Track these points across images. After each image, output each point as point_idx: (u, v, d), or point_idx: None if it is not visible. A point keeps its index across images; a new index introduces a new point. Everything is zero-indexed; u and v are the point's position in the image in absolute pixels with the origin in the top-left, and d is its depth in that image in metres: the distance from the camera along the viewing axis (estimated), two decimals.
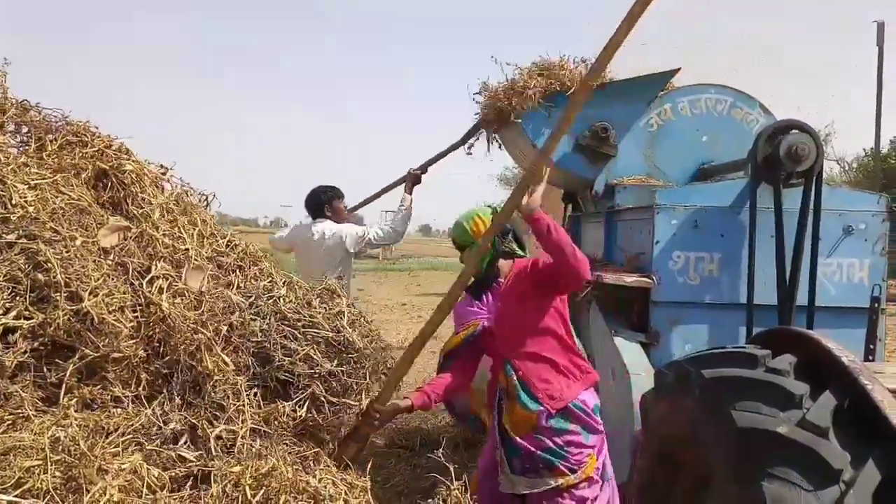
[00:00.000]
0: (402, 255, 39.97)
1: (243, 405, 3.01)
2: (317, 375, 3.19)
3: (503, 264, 3.47)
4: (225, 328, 3.18)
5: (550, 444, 3.18)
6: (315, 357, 3.21)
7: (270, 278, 3.55)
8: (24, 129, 3.51)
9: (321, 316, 3.36)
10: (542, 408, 3.21)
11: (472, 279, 3.38)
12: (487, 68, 6.15)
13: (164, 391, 3.05)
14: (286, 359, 3.17)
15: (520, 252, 3.50)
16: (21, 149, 3.42)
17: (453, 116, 6.85)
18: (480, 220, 3.47)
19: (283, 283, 3.51)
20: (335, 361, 3.24)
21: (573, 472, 3.15)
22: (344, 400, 3.23)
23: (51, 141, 3.42)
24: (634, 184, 4.90)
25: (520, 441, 3.22)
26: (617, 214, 4.99)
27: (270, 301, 3.35)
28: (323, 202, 5.92)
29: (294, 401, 3.15)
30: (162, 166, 3.70)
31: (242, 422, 2.96)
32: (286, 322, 3.29)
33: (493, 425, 3.38)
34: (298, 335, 3.26)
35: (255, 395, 3.11)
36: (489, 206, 3.60)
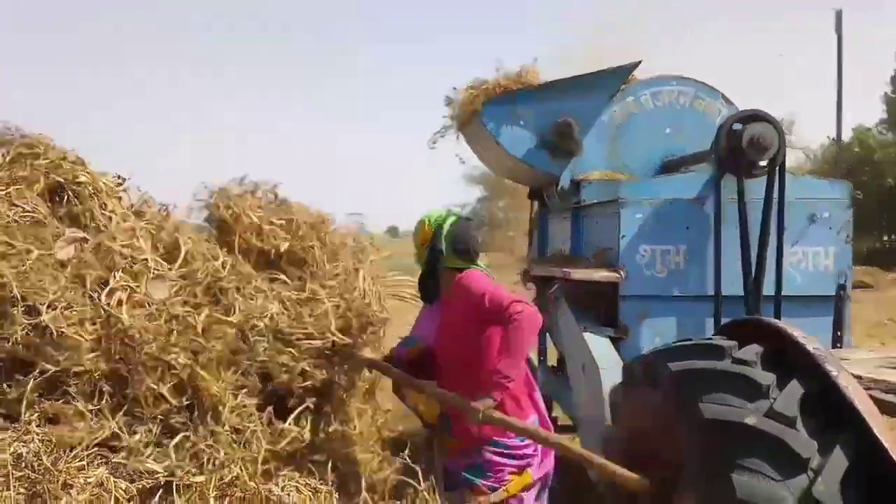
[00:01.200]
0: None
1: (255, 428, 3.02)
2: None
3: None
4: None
5: (471, 463, 3.24)
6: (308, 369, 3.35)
7: (264, 294, 3.50)
8: None
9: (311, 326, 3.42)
10: (456, 439, 3.29)
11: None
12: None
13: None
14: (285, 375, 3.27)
15: (456, 264, 3.42)
16: None
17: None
18: (424, 225, 3.50)
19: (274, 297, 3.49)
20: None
21: (493, 490, 3.18)
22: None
23: (2, 154, 3.35)
24: (599, 179, 4.90)
25: (447, 461, 3.32)
26: (583, 210, 4.98)
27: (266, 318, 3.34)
28: None
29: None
30: (119, 177, 3.64)
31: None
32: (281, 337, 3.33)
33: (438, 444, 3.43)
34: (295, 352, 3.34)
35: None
36: (448, 211, 3.61)
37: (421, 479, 3.12)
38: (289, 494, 2.71)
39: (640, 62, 5.00)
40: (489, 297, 3.16)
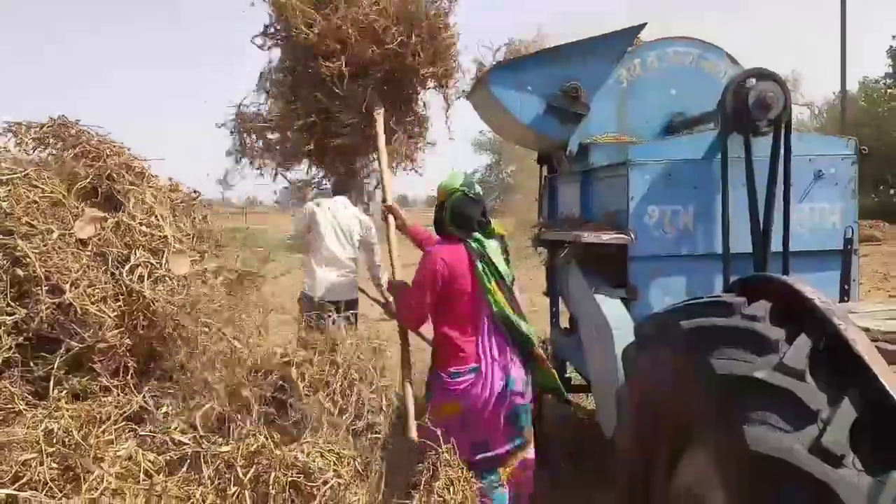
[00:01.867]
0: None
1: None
2: None
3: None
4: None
5: (429, 384, 4.07)
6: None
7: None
8: (57, 143, 3.52)
9: None
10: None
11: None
12: None
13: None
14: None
15: (451, 231, 4.06)
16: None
17: None
18: (439, 188, 4.17)
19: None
20: None
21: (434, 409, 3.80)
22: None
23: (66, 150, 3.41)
24: (607, 142, 4.93)
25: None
26: (592, 173, 5.02)
27: None
28: None
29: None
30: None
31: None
32: None
33: None
34: None
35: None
36: (461, 172, 4.18)
37: (441, 442, 3.20)
38: (314, 460, 2.78)
39: (645, 24, 4.99)
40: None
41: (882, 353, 2.31)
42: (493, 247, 4.02)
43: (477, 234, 3.99)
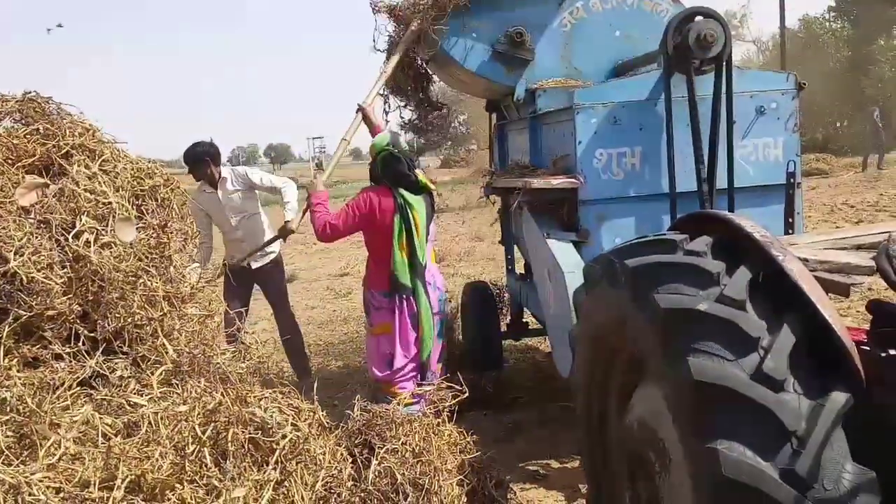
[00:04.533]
0: (336, 182, 38.84)
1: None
2: None
3: None
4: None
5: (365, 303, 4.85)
6: None
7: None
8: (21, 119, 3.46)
9: None
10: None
11: None
12: None
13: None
14: None
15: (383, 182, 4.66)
16: None
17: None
18: (371, 148, 4.79)
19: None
20: None
21: (369, 327, 4.81)
22: None
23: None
24: (554, 87, 4.94)
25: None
26: (539, 119, 5.03)
27: None
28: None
29: None
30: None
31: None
32: None
33: None
34: None
35: None
36: (387, 133, 4.86)
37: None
38: (272, 415, 2.80)
39: None
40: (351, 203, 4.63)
41: (819, 282, 2.38)
42: (416, 201, 4.59)
43: (402, 190, 4.55)
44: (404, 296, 4.55)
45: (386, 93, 5.70)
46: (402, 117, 6.04)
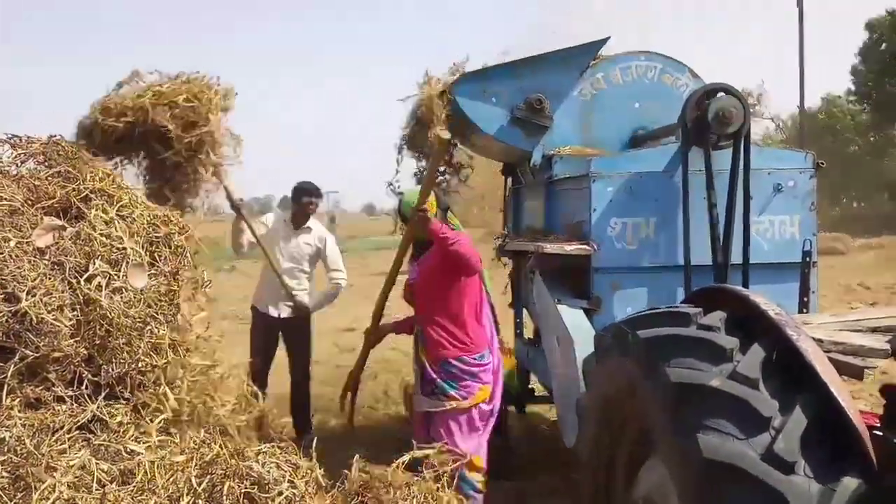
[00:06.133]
0: (349, 236, 39.03)
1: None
2: None
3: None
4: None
5: (447, 375, 4.20)
6: None
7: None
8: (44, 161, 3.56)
9: None
10: (425, 359, 4.27)
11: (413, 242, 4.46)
12: None
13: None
14: None
15: (452, 224, 4.38)
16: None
17: None
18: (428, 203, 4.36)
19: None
20: None
21: (464, 398, 4.18)
22: None
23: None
24: (571, 154, 4.96)
25: (428, 370, 4.23)
26: (555, 184, 5.05)
27: None
28: None
29: None
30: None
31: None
32: None
33: (415, 356, 4.41)
34: None
35: None
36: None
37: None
38: (269, 471, 2.75)
39: (608, 38, 5.04)
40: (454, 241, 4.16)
41: (833, 363, 2.35)
42: None
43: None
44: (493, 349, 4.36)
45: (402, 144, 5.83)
46: (418, 167, 6.04)
